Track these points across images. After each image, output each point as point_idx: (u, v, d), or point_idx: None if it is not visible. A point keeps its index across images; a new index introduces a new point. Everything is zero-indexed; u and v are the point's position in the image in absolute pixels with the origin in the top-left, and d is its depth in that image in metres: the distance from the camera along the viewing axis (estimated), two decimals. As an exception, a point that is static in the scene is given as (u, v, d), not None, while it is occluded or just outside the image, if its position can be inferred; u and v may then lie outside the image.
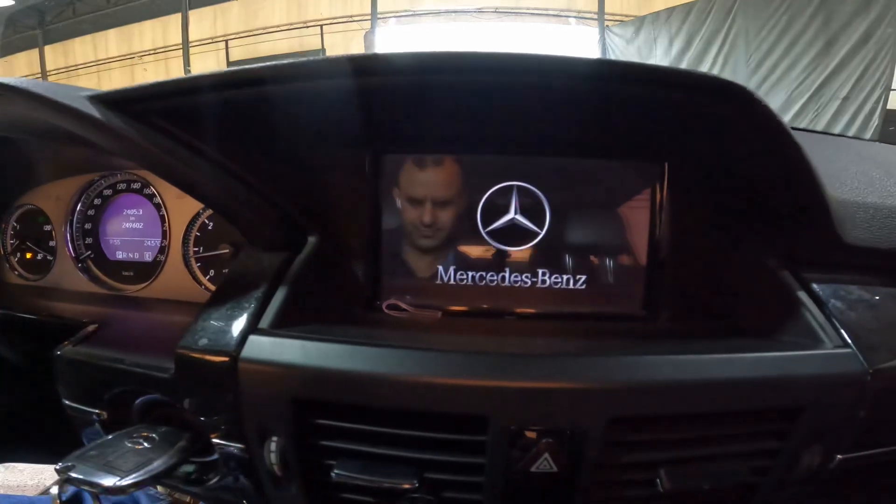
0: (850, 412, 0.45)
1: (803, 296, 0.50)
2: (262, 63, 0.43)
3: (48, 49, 8.99)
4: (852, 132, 3.71)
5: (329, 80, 0.44)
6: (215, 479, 0.56)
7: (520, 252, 0.57)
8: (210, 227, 0.69)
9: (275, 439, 0.46)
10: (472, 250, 0.58)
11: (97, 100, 0.45)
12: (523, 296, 0.57)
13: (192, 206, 0.69)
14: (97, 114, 0.44)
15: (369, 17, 7.16)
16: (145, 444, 0.51)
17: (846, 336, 0.46)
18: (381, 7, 7.09)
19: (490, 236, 0.57)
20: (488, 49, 0.40)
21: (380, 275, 0.58)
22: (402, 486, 0.43)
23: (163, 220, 0.72)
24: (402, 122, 0.55)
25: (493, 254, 0.58)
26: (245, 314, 0.48)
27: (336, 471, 0.44)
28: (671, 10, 5.14)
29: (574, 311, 0.57)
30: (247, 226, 0.56)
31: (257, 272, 0.52)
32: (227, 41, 8.15)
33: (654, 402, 0.43)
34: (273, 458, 0.46)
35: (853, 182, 0.55)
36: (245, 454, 0.48)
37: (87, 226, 0.76)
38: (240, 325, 0.47)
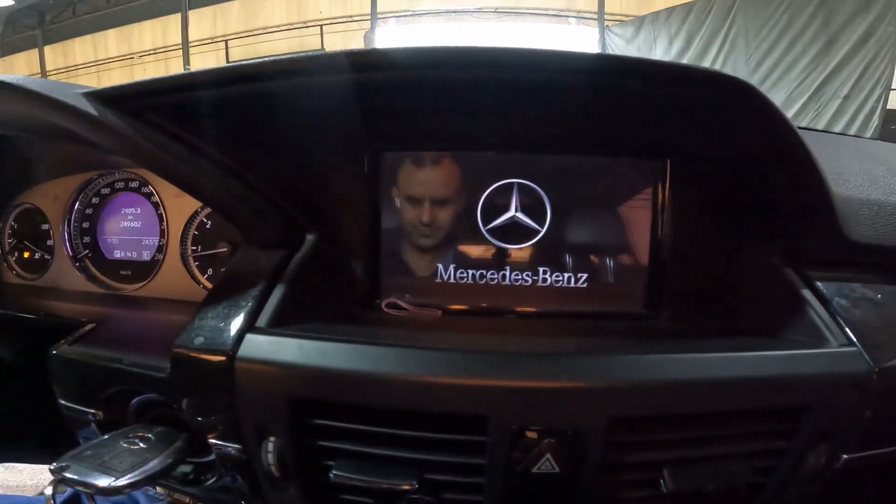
0: (855, 411, 0.45)
1: (807, 294, 0.49)
2: (259, 59, 0.43)
3: (48, 49, 8.99)
4: (852, 131, 3.71)
5: (327, 76, 0.44)
6: (212, 480, 0.55)
7: (520, 250, 0.57)
8: (208, 226, 0.69)
9: (272, 439, 0.45)
10: (473, 249, 0.58)
11: (93, 96, 0.44)
12: (524, 294, 0.57)
13: (190, 205, 0.69)
14: (93, 111, 0.43)
15: (369, 17, 7.16)
16: (141, 444, 0.50)
17: (851, 334, 0.46)
18: (380, 7, 7.09)
19: (490, 234, 0.56)
20: (488, 44, 0.40)
21: (379, 273, 0.58)
22: (402, 486, 0.42)
23: (161, 218, 0.71)
24: (401, 119, 0.55)
25: (494, 252, 0.57)
26: (242, 313, 0.47)
27: (334, 471, 0.44)
28: (671, 10, 5.14)
29: (575, 310, 0.57)
30: (244, 224, 0.56)
31: (255, 270, 0.52)
32: (226, 41, 8.15)
33: (657, 401, 0.42)
34: (270, 458, 0.45)
35: (856, 179, 0.55)
36: (242, 455, 0.48)
37: (85, 225, 0.76)
38: (237, 323, 0.46)
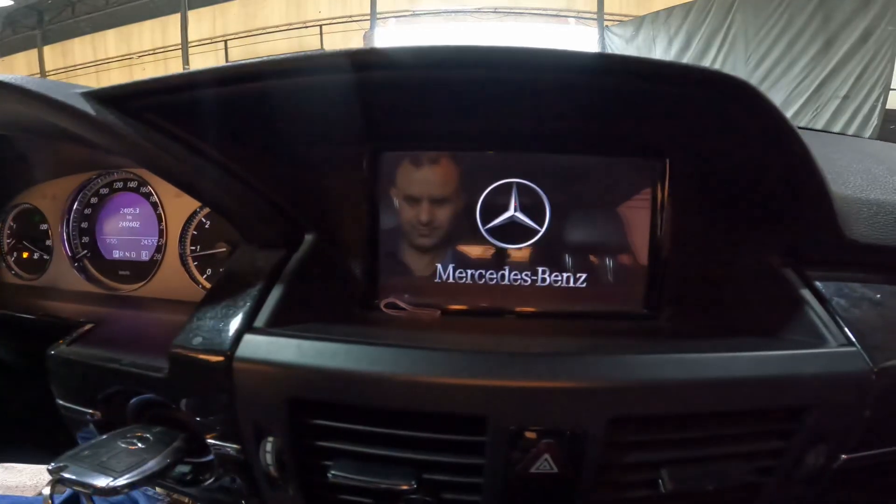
0: (854, 411, 0.45)
1: (806, 294, 0.49)
2: (258, 59, 0.43)
3: (47, 49, 9.00)
4: (851, 131, 3.71)
5: (326, 75, 0.44)
6: (211, 480, 0.55)
7: (519, 250, 0.57)
8: (207, 226, 0.69)
9: (270, 440, 0.45)
10: (472, 248, 0.58)
11: (91, 96, 0.44)
12: (523, 294, 0.57)
13: (189, 205, 0.69)
14: (91, 110, 0.43)
15: (368, 17, 7.16)
16: (139, 444, 0.50)
17: (850, 334, 0.46)
18: (380, 7, 7.09)
19: (489, 234, 0.56)
20: (487, 43, 0.40)
21: (377, 273, 0.57)
22: (400, 487, 0.42)
23: (160, 218, 0.71)
24: (400, 118, 0.55)
25: (493, 252, 0.57)
26: (240, 313, 0.47)
27: (333, 472, 0.44)
28: (670, 10, 5.14)
29: (574, 310, 0.57)
30: (243, 223, 0.56)
31: (253, 270, 0.52)
32: (226, 41, 8.15)
33: (656, 401, 0.42)
34: (269, 458, 0.45)
35: (856, 179, 0.55)
36: (241, 455, 0.47)
37: (84, 225, 0.76)
38: (235, 323, 0.46)
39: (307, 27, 7.81)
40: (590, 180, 0.57)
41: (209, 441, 0.49)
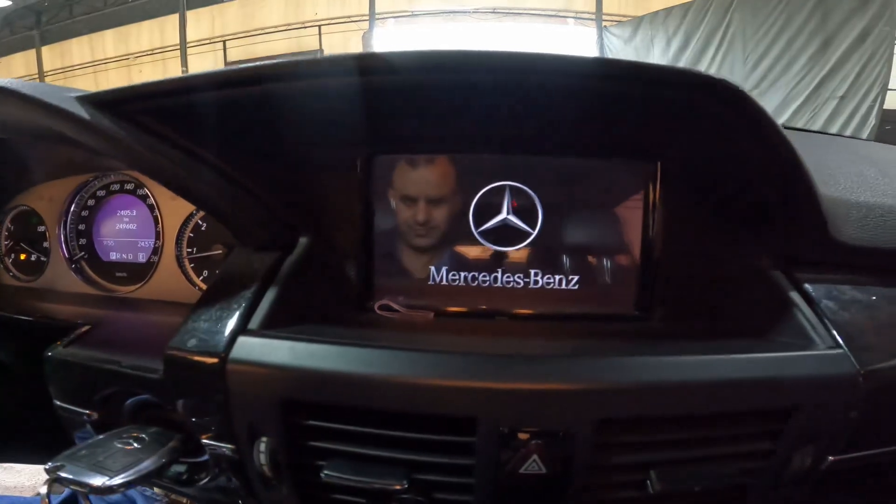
0: (841, 413, 0.45)
1: (795, 296, 0.50)
2: (255, 62, 0.43)
3: (45, 50, 8.98)
4: (849, 132, 3.72)
5: (325, 79, 0.44)
6: (206, 480, 0.56)
7: (512, 252, 0.57)
8: (203, 228, 0.69)
9: (264, 440, 0.45)
10: (465, 251, 0.58)
11: (86, 100, 0.44)
12: (516, 296, 0.57)
13: (185, 207, 0.69)
14: (85, 115, 0.43)
15: (367, 17, 7.15)
16: (135, 444, 0.51)
17: (838, 337, 0.46)
18: (379, 7, 7.08)
19: (482, 237, 0.57)
20: (483, 48, 0.40)
21: (372, 275, 0.58)
22: (393, 486, 0.43)
23: (156, 220, 0.71)
24: (395, 122, 0.55)
25: (486, 254, 0.57)
26: (235, 315, 0.48)
27: (326, 472, 0.44)
28: (669, 10, 5.14)
29: (566, 312, 0.57)
30: (237, 226, 0.56)
31: (248, 273, 0.52)
32: (224, 42, 8.14)
33: (645, 403, 0.42)
34: (263, 458, 0.46)
35: (847, 181, 0.55)
36: (235, 455, 0.48)
37: (81, 227, 0.76)
38: (229, 325, 0.47)
39: (305, 27, 7.81)
40: (582, 183, 0.57)
41: (204, 441, 0.49)
